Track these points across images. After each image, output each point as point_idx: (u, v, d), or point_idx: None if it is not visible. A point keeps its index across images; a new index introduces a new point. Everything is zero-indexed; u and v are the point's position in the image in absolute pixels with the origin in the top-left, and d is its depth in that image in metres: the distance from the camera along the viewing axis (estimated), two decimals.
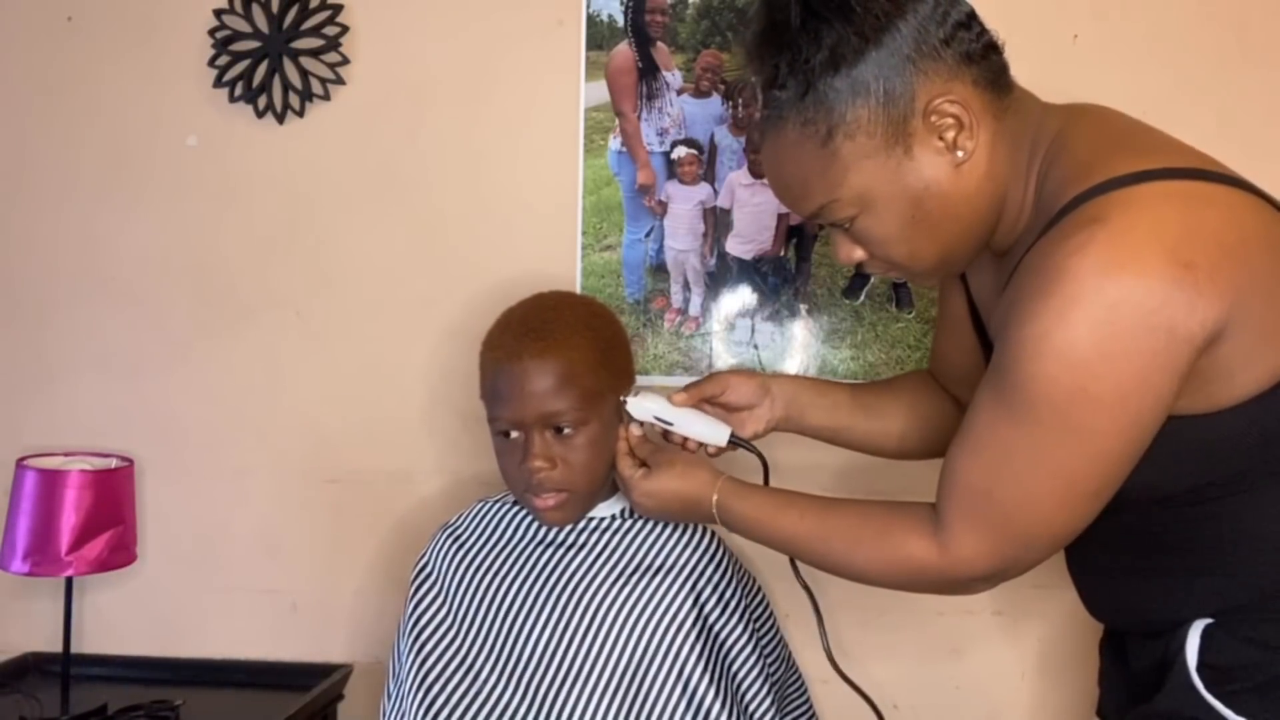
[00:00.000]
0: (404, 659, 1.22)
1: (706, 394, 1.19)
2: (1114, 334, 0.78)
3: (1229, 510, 0.88)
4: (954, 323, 1.16)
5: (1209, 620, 0.91)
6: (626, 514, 1.25)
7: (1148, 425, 0.82)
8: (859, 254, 0.97)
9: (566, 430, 1.15)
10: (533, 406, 1.14)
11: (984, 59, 0.90)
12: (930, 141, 0.88)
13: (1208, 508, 0.89)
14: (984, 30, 0.90)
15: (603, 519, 1.24)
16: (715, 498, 1.07)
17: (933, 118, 0.87)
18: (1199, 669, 0.90)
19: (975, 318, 1.10)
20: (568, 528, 1.23)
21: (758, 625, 1.28)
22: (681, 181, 1.67)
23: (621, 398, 1.18)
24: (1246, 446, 0.85)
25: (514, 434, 1.16)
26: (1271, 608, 0.88)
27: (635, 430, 1.18)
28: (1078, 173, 0.85)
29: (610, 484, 1.23)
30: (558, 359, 1.14)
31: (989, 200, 0.92)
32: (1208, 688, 0.89)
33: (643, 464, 1.15)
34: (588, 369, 1.15)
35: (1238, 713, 0.87)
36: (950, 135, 0.88)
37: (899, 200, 0.90)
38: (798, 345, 1.67)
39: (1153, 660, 0.96)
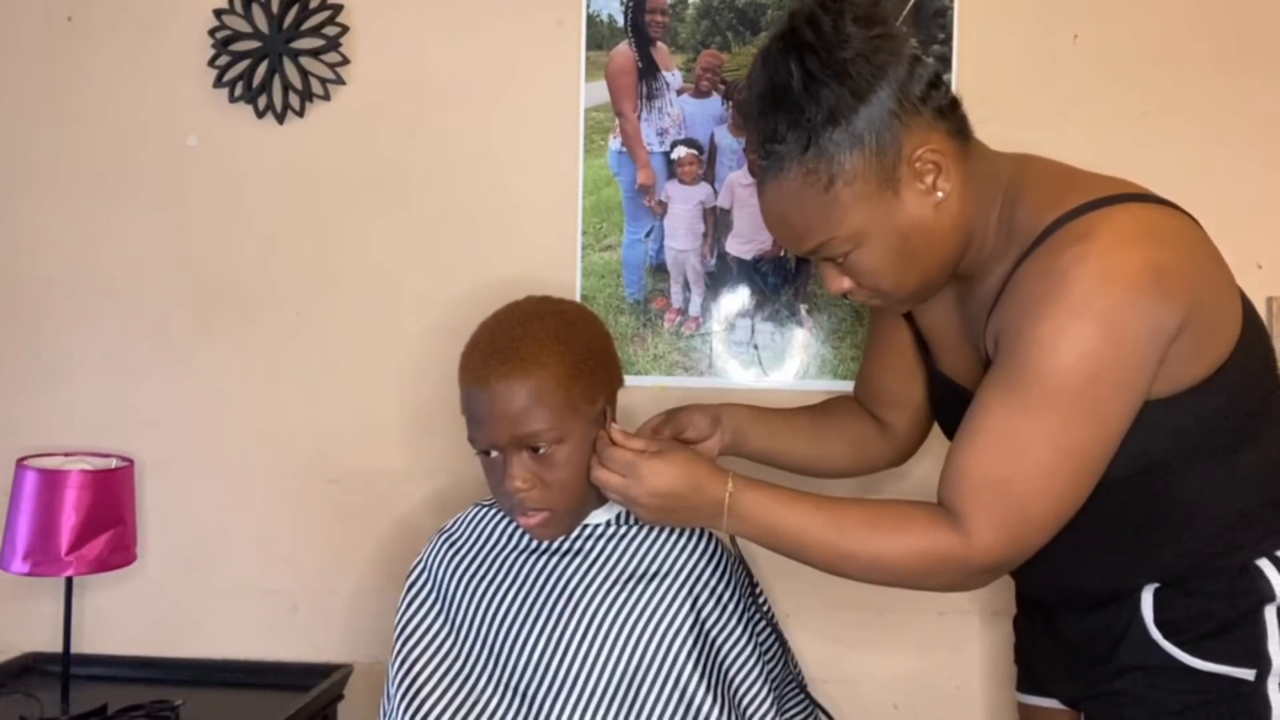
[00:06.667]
0: (392, 664, 1.22)
1: (674, 431, 1.28)
2: (1117, 327, 0.92)
3: (1174, 486, 1.01)
4: (893, 351, 1.29)
5: (1157, 585, 1.04)
6: (621, 519, 1.24)
7: (1137, 405, 0.95)
8: (847, 284, 1.06)
9: (543, 449, 1.12)
10: (504, 430, 1.11)
11: (952, 113, 1.02)
12: (914, 185, 1.00)
13: (1156, 485, 1.01)
14: (949, 89, 1.03)
15: (597, 525, 1.23)
16: (729, 485, 1.06)
17: (916, 164, 0.99)
18: (1157, 625, 1.03)
19: (919, 346, 1.25)
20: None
21: (756, 626, 1.28)
22: (681, 181, 1.67)
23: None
24: (1187, 429, 0.98)
25: (493, 453, 1.15)
26: (1211, 566, 1.02)
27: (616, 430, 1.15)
28: (1050, 202, 0.99)
29: (599, 491, 1.18)
30: (525, 381, 1.10)
31: (961, 234, 1.03)
32: (1167, 639, 1.02)
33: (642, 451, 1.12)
34: (558, 386, 1.11)
35: (1194, 655, 1.01)
36: (930, 179, 1.00)
37: (889, 236, 1.01)
38: (798, 345, 1.67)
39: (1101, 627, 1.08)
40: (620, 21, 1.68)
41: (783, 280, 1.66)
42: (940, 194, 1.00)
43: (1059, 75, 1.63)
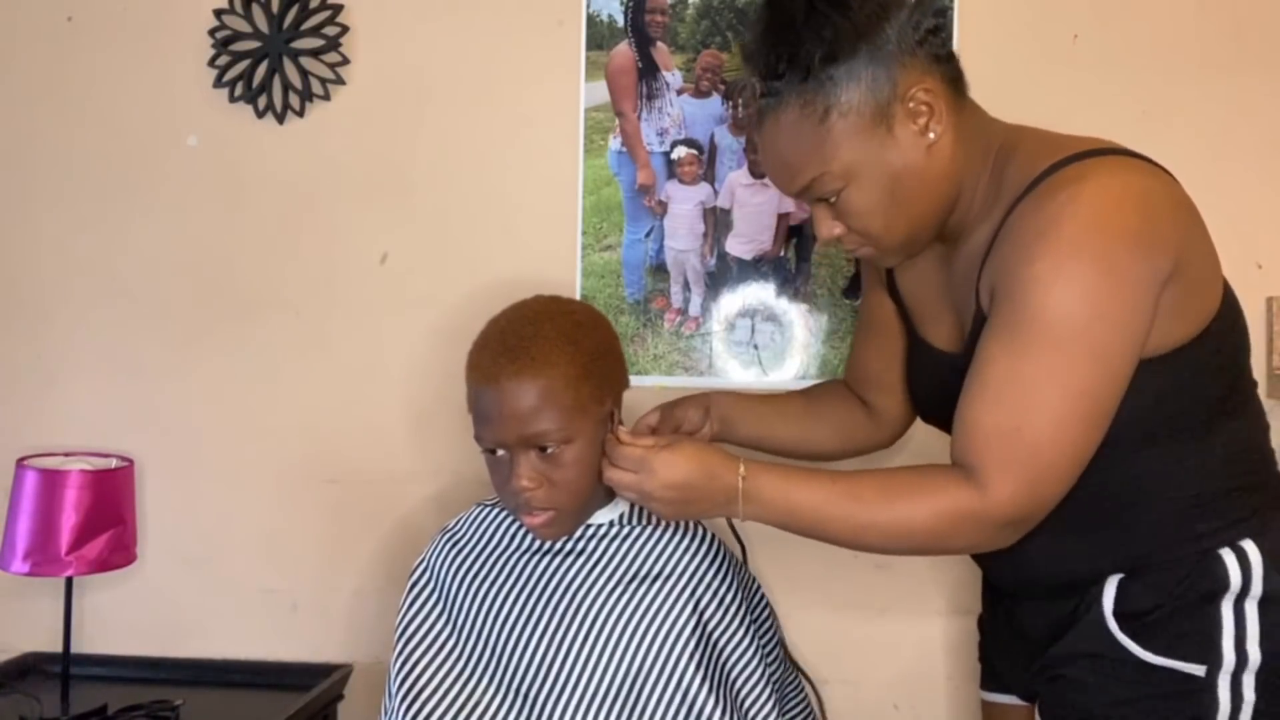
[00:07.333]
0: (393, 664, 1.22)
1: (671, 426, 1.29)
2: (1114, 264, 0.93)
3: (1143, 466, 1.01)
4: (876, 327, 1.30)
5: (1121, 575, 1.04)
6: (624, 520, 1.24)
7: (1139, 348, 0.95)
8: (838, 229, 1.08)
9: (550, 449, 1.12)
10: (513, 429, 1.11)
11: (948, 61, 1.05)
12: (907, 124, 1.02)
13: (1127, 463, 1.01)
14: (947, 40, 1.06)
15: (600, 526, 1.23)
16: (741, 469, 1.05)
17: (910, 104, 1.01)
18: (1115, 616, 1.03)
19: (902, 321, 1.25)
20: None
21: (759, 627, 1.28)
22: (681, 181, 1.67)
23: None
24: (1168, 395, 0.99)
25: (500, 452, 1.15)
26: (1171, 555, 1.02)
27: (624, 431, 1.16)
28: (1042, 155, 1.00)
29: (604, 490, 1.19)
30: (535, 380, 1.10)
31: (951, 182, 1.05)
32: (1120, 629, 1.03)
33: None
34: (567, 386, 1.11)
35: (1145, 648, 1.01)
36: (923, 120, 1.02)
37: (880, 175, 1.03)
38: (798, 345, 1.67)
39: (1060, 617, 1.08)
40: (620, 21, 1.68)
41: (783, 280, 1.66)
42: (932, 135, 1.02)
43: (1059, 75, 1.63)
